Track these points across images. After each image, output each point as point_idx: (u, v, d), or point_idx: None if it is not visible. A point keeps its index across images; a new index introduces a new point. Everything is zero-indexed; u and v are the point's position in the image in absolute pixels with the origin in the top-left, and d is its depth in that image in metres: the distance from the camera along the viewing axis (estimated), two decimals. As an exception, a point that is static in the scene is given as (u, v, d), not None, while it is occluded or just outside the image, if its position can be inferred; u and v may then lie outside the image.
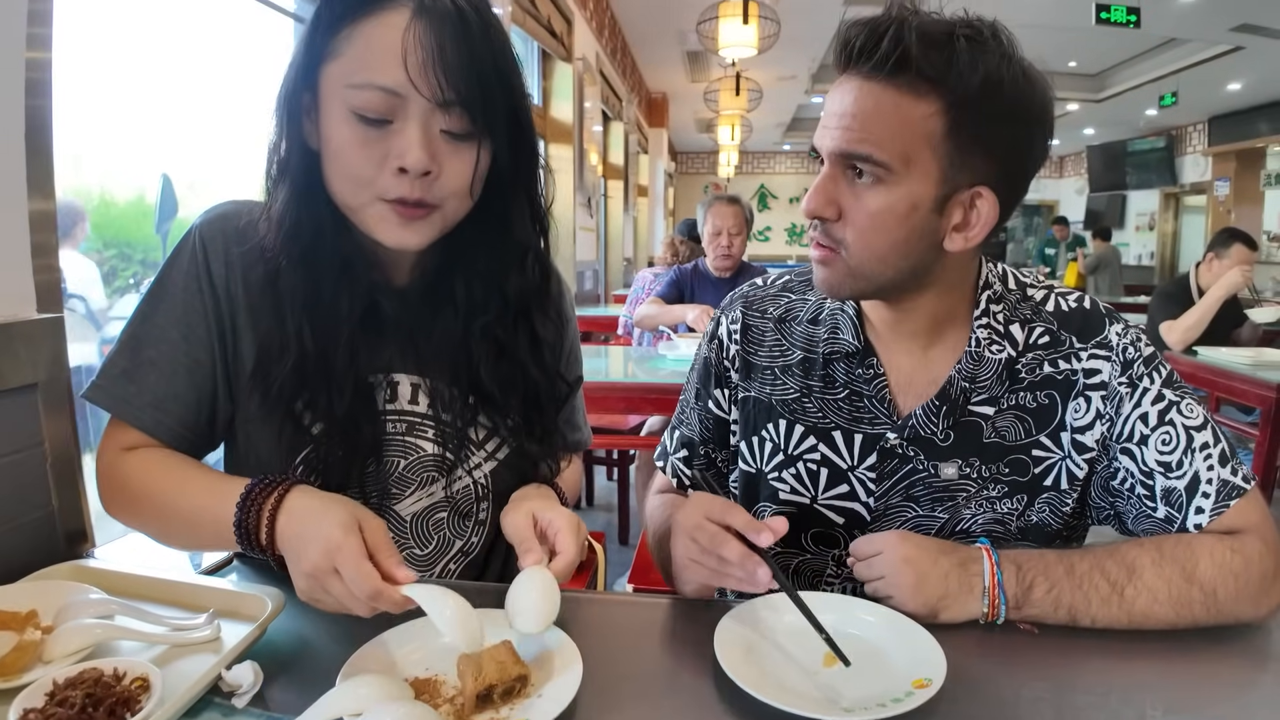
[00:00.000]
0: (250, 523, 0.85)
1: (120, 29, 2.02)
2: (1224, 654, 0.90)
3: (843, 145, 0.94)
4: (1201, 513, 0.97)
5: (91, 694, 0.69)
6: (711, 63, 9.21)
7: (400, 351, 1.06)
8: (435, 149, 0.90)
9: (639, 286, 4.41)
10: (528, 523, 0.95)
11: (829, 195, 0.97)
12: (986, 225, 0.97)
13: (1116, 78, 10.17)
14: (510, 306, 1.06)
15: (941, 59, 0.89)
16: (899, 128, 0.91)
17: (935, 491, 1.05)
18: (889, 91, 0.91)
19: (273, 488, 0.86)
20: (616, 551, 3.66)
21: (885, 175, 0.93)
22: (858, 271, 0.98)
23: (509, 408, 1.08)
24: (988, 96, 0.90)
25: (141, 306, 0.99)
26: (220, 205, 1.02)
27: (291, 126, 0.93)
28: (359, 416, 1.00)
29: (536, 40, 5.35)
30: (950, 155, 0.92)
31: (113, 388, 0.96)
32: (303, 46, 0.90)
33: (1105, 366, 1.03)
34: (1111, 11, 6.57)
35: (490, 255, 1.04)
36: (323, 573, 0.78)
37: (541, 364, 1.10)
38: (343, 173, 0.91)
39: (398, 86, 0.87)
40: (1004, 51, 0.91)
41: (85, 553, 1.10)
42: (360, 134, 0.88)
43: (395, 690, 0.74)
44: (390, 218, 0.92)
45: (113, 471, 0.96)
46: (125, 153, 2.18)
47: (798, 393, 1.12)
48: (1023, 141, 0.96)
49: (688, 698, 0.80)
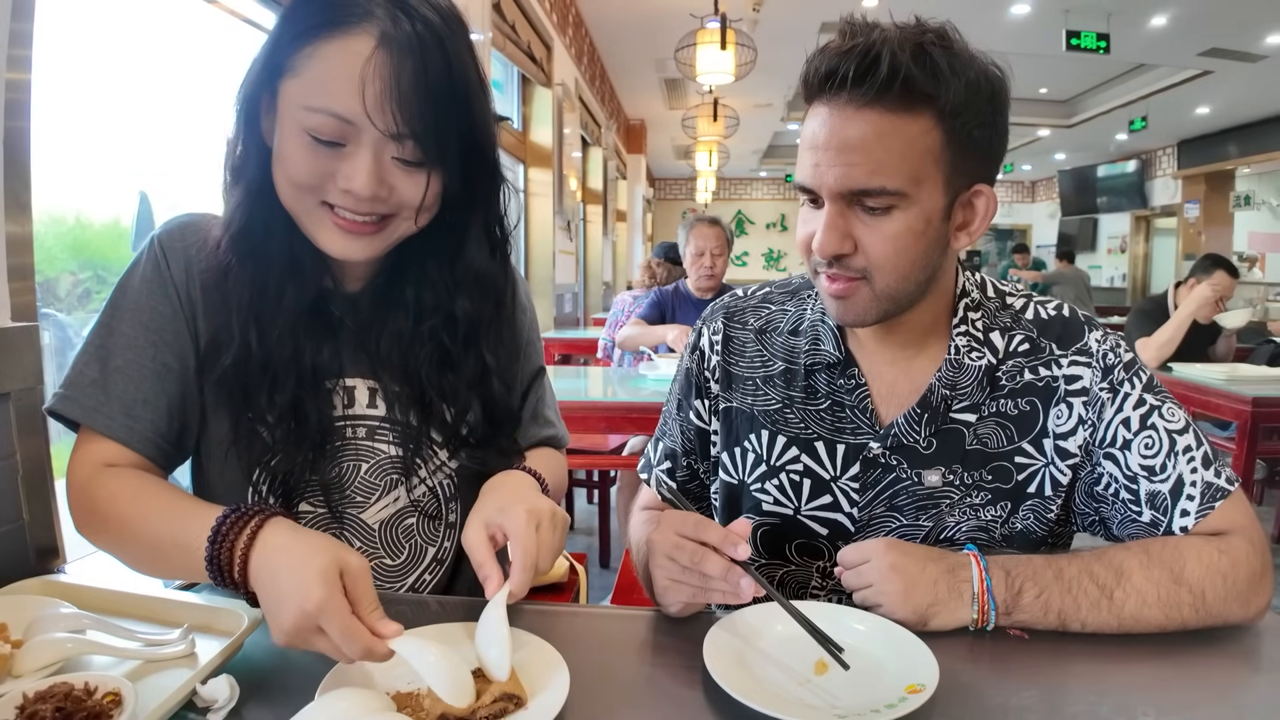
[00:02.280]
0: (223, 558, 0.80)
1: (96, 48, 2.01)
2: (1214, 655, 0.90)
3: (852, 184, 0.92)
4: (1187, 515, 0.97)
5: (62, 708, 0.67)
6: (689, 90, 9.31)
7: (354, 357, 1.05)
8: (385, 173, 0.90)
9: (618, 310, 4.42)
10: (481, 539, 0.89)
11: (842, 232, 0.94)
12: (987, 218, 0.98)
13: (1087, 103, 10.35)
14: (459, 326, 1.05)
15: (927, 72, 0.89)
16: (905, 151, 0.90)
17: (919, 500, 1.05)
18: (885, 116, 0.90)
19: (246, 520, 0.81)
20: (598, 575, 3.63)
21: (899, 200, 0.92)
22: (885, 294, 0.97)
23: (456, 419, 1.07)
24: (972, 98, 0.91)
25: (103, 318, 0.97)
26: (179, 216, 1.02)
27: (249, 126, 0.93)
28: (303, 408, 0.98)
29: (517, 65, 5.39)
30: (952, 163, 0.93)
31: (83, 398, 0.94)
32: (265, 53, 0.90)
33: (1086, 373, 1.03)
34: (1082, 38, 6.71)
35: (443, 267, 1.04)
36: (306, 631, 0.74)
37: (486, 390, 1.08)
38: (289, 180, 0.91)
39: (352, 116, 0.86)
40: (965, 49, 0.93)
41: (56, 568, 1.08)
42: (311, 151, 0.88)
43: (376, 704, 0.72)
44: (333, 228, 0.92)
45: (85, 491, 0.92)
46: (101, 175, 2.16)
47: (780, 403, 1.12)
48: (1003, 130, 0.97)
49: (677, 709, 0.79)
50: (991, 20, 6.95)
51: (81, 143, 2.00)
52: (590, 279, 9.18)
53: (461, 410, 1.08)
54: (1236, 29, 6.85)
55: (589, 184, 8.91)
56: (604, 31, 8.16)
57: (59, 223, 2.16)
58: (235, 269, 0.95)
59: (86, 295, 2.30)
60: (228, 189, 0.96)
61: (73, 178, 2.04)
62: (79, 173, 2.06)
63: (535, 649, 0.84)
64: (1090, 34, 6.70)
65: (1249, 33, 6.93)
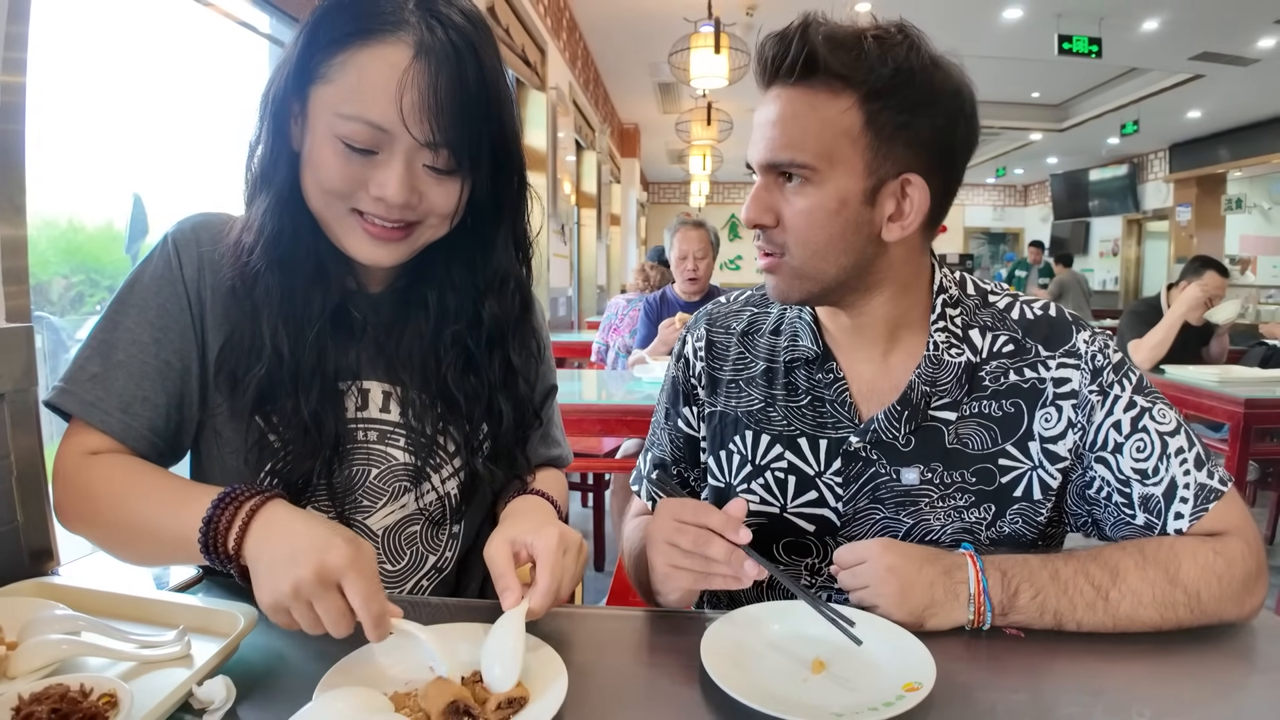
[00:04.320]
0: (220, 524, 0.80)
1: (89, 51, 2.01)
2: (1208, 654, 0.90)
3: (768, 155, 0.98)
4: (1181, 518, 0.97)
5: (57, 709, 0.66)
6: (683, 94, 9.31)
7: (371, 359, 1.05)
8: (417, 181, 0.91)
9: (612, 313, 4.42)
10: (505, 553, 0.89)
11: (764, 204, 1.00)
12: (920, 212, 0.99)
13: (1079, 107, 10.39)
14: (484, 328, 1.05)
15: (850, 57, 0.93)
16: (818, 128, 0.95)
17: (898, 496, 1.05)
18: (805, 95, 0.96)
19: (251, 495, 0.83)
20: (593, 578, 3.63)
21: (811, 175, 0.96)
22: (801, 272, 1.01)
23: (475, 424, 1.07)
24: (900, 86, 0.93)
25: (110, 313, 0.96)
26: (193, 215, 1.02)
27: (278, 131, 0.92)
28: (322, 415, 0.98)
29: (511, 69, 5.38)
30: (872, 146, 0.95)
31: (82, 392, 0.93)
32: (294, 59, 0.90)
33: (1075, 375, 1.03)
34: (1074, 42, 6.75)
35: (468, 271, 1.04)
36: (324, 583, 0.74)
37: (512, 392, 1.09)
38: (320, 186, 0.91)
39: (388, 124, 0.87)
40: (912, 44, 0.95)
41: (50, 570, 1.06)
42: (343, 158, 0.89)
43: (374, 704, 0.72)
44: (362, 234, 0.93)
45: (74, 476, 0.92)
46: (95, 178, 2.16)
47: (762, 403, 1.12)
48: (943, 127, 0.98)
49: (675, 708, 0.79)
50: (984, 25, 6.99)
51: (75, 146, 1.99)
52: (584, 283, 9.17)
53: (484, 413, 1.08)
54: (1228, 33, 6.89)
55: (583, 188, 8.91)
56: (598, 35, 8.16)
57: (52, 226, 2.15)
58: (265, 275, 0.95)
59: (79, 299, 2.29)
60: (254, 194, 0.96)
61: (66, 181, 2.03)
62: (72, 176, 2.05)
63: (532, 650, 0.83)
64: (1082, 38, 6.74)
65: (1240, 36, 6.98)
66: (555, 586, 0.86)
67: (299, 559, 0.75)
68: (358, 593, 0.74)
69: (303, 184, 0.93)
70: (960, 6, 6.58)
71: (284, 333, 0.95)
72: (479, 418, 1.08)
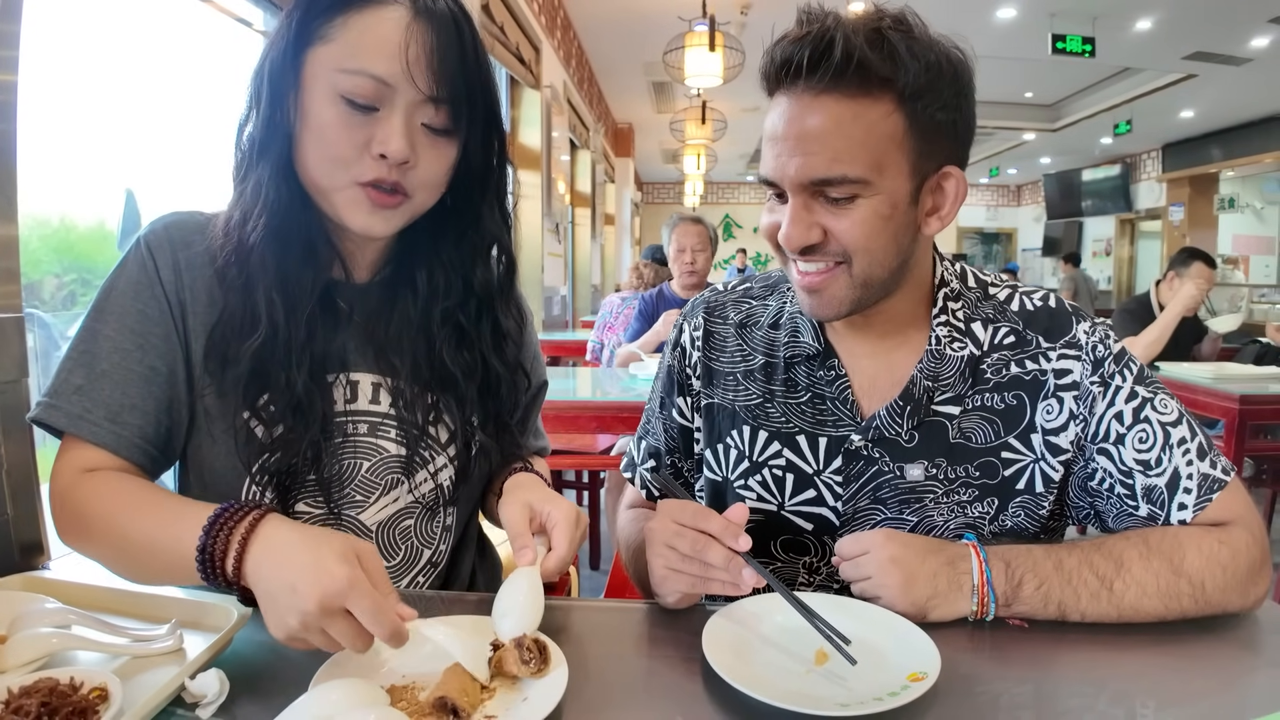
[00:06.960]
0: (216, 549, 0.78)
1: (80, 49, 1.99)
2: (1213, 644, 0.89)
3: (812, 174, 0.91)
4: (1185, 509, 0.97)
5: (47, 703, 0.65)
6: (677, 93, 9.31)
7: (359, 348, 1.05)
8: (415, 140, 0.92)
9: (606, 312, 4.41)
10: (523, 515, 0.93)
11: (807, 223, 0.94)
12: (957, 201, 0.98)
13: (1072, 107, 10.41)
14: (474, 295, 1.07)
15: (884, 55, 0.88)
16: (864, 137, 0.90)
17: (902, 494, 1.04)
18: (843, 102, 0.90)
19: (244, 513, 0.80)
20: (589, 577, 3.62)
21: (862, 189, 0.91)
22: (862, 280, 0.96)
23: (469, 400, 1.07)
24: (933, 80, 0.91)
25: (87, 323, 0.94)
26: (165, 215, 1.00)
27: (275, 101, 0.92)
28: (312, 393, 0.97)
29: (505, 67, 5.37)
30: (916, 147, 0.92)
31: (68, 405, 0.91)
32: (289, 28, 0.91)
33: (1076, 366, 1.02)
34: (1067, 41, 6.76)
35: (456, 245, 1.06)
36: (329, 613, 0.71)
37: (503, 356, 1.11)
38: (322, 153, 0.92)
39: (390, 77, 0.89)
40: (926, 33, 0.93)
41: (40, 565, 1.05)
42: (345, 117, 0.90)
43: (370, 696, 0.71)
44: (362, 203, 0.93)
45: (68, 496, 0.90)
46: (86, 177, 2.14)
47: (760, 398, 1.11)
48: (969, 112, 0.96)
49: (676, 699, 0.78)
50: (977, 24, 6.98)
51: (66, 145, 1.98)
52: (579, 281, 9.18)
53: (480, 388, 1.08)
54: (1221, 32, 6.91)
55: (577, 187, 8.91)
56: (592, 34, 8.16)
57: (43, 225, 2.14)
58: (260, 247, 0.94)
59: (71, 298, 2.28)
60: (247, 169, 0.95)
61: (57, 180, 2.02)
62: (64, 175, 2.04)
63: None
64: (1075, 38, 6.75)
65: (1233, 36, 7.00)
66: (571, 552, 0.91)
67: (299, 591, 0.72)
68: (365, 612, 0.72)
69: (299, 159, 0.94)
70: (953, 6, 6.52)
71: (279, 302, 0.94)
72: (473, 397, 1.07)
